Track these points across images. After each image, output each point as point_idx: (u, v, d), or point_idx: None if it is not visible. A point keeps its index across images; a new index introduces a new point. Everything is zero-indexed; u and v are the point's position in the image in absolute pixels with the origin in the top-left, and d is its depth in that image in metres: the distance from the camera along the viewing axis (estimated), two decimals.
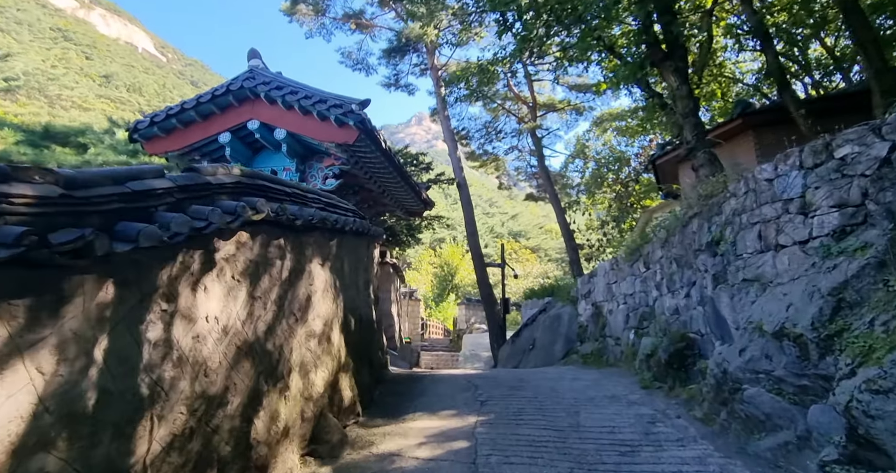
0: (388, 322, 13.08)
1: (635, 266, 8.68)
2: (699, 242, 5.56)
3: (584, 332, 10.65)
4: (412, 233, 19.16)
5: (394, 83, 21.01)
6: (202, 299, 2.76)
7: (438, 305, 41.69)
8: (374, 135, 9.66)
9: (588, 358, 9.86)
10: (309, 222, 4.00)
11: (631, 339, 8.17)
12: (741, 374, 3.68)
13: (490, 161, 23.43)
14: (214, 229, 2.78)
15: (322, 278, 4.30)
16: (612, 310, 9.62)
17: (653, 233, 7.89)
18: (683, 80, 7.96)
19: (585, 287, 11.20)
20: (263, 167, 10.49)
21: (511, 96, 21.52)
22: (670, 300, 6.64)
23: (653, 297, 7.72)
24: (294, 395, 3.55)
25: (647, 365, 6.33)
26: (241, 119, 9.73)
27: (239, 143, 10.14)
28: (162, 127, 9.47)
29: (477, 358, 18.37)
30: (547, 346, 11.37)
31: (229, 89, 9.39)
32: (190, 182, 2.81)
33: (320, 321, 4.13)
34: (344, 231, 4.98)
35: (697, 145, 7.91)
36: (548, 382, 6.50)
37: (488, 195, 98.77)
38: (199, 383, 2.64)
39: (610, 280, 9.90)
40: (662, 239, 7.17)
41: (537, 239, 61.48)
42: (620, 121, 23.22)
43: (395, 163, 11.00)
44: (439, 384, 6.47)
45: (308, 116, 9.61)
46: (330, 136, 9.56)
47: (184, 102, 9.40)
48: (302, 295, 3.91)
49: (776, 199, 4.04)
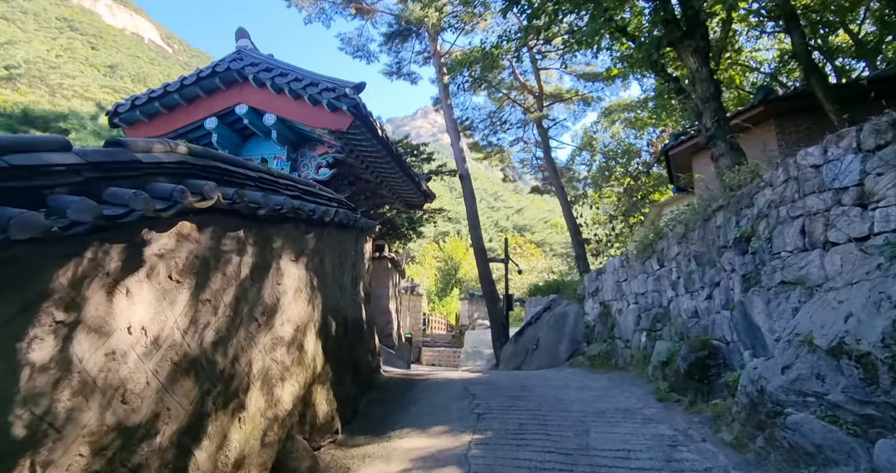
0: (386, 319, 12.55)
1: (648, 263, 8.08)
2: (724, 238, 4.96)
3: (592, 333, 10.07)
4: (413, 226, 18.60)
5: (395, 71, 20.35)
6: (122, 306, 2.20)
7: (442, 300, 41.22)
8: (369, 121, 9.07)
9: (595, 360, 9.28)
10: (277, 212, 3.43)
11: (642, 342, 7.58)
12: (784, 395, 3.09)
13: (494, 153, 22.74)
14: (137, 217, 2.21)
15: (294, 276, 3.73)
16: (621, 310, 9.03)
17: (668, 227, 7.28)
18: (703, 62, 7.30)
19: (593, 284, 10.61)
20: (253, 155, 9.94)
21: (517, 85, 20.80)
22: (688, 301, 6.04)
23: (667, 298, 7.12)
24: (252, 416, 3.00)
25: (662, 373, 5.75)
26: (229, 103, 9.17)
27: (227, 130, 9.57)
28: (144, 111, 8.91)
29: (479, 355, 17.85)
30: (551, 346, 10.81)
31: (215, 71, 8.81)
32: (107, 158, 2.24)
33: (290, 326, 3.57)
34: (325, 223, 4.41)
35: (718, 133, 7.27)
36: (552, 391, 5.94)
37: (493, 189, 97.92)
38: (113, 412, 2.09)
39: (620, 277, 9.31)
40: (680, 235, 6.56)
41: (542, 234, 60.78)
42: (629, 113, 22.49)
43: (393, 152, 10.42)
44: (433, 391, 5.93)
45: (299, 101, 9.03)
46: (322, 122, 8.98)
47: (167, 85, 8.84)
48: (268, 297, 3.35)
49: (825, 188, 3.43)
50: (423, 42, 18.84)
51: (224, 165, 3.12)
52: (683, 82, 9.05)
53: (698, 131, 11.10)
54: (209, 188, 2.71)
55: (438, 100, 18.63)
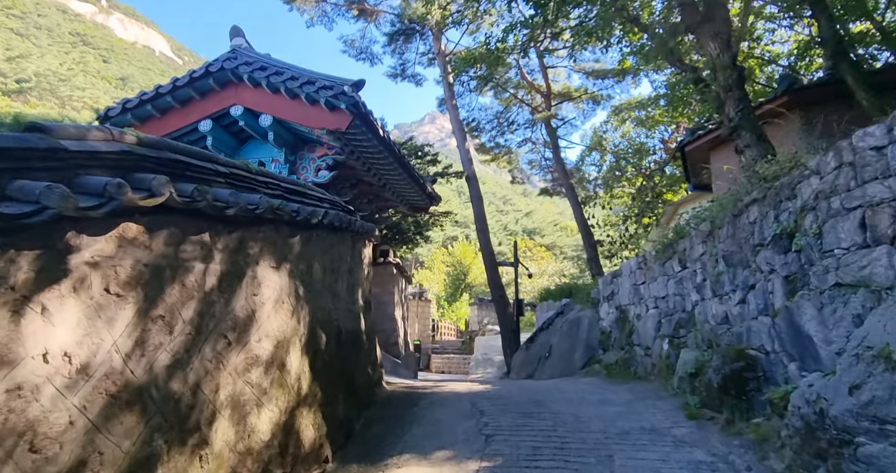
0: (391, 326, 12.09)
1: (668, 265, 7.54)
2: (760, 235, 4.43)
3: (608, 339, 9.52)
4: (420, 230, 18.16)
5: (400, 73, 19.99)
6: (35, 328, 1.76)
7: (452, 305, 40.74)
8: (369, 119, 8.66)
9: (613, 369, 8.73)
10: (251, 212, 2.99)
11: (664, 350, 7.04)
12: (853, 421, 2.57)
13: (502, 154, 22.26)
14: (52, 217, 1.77)
15: (274, 285, 3.29)
16: (639, 315, 8.48)
17: (690, 226, 6.74)
18: (725, 47, 6.78)
19: (608, 288, 10.06)
20: (250, 158, 9.56)
21: (524, 85, 20.35)
22: (717, 306, 5.50)
23: (692, 301, 6.58)
24: (219, 452, 2.55)
25: (690, 385, 5.21)
26: (224, 105, 8.82)
27: (223, 132, 9.22)
28: (136, 114, 8.58)
29: (489, 362, 17.31)
30: (565, 354, 10.27)
31: (208, 71, 8.46)
32: (15, 145, 1.81)
33: (269, 342, 3.12)
34: (312, 225, 3.96)
35: (743, 123, 6.75)
36: (569, 406, 5.42)
37: (502, 192, 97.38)
38: (16, 465, 1.64)
39: (637, 280, 8.76)
40: (704, 234, 6.03)
41: (552, 237, 60.06)
42: (640, 111, 21.91)
43: (396, 152, 9.99)
44: (438, 407, 5.44)
45: (296, 100, 8.65)
46: (320, 122, 8.59)
47: (158, 86, 8.51)
48: (240, 310, 2.90)
49: (890, 173, 2.91)
50: (426, 42, 18.49)
51: (184, 158, 2.68)
52: (701, 72, 8.52)
53: (718, 124, 10.52)
54: (159, 183, 2.27)
55: (444, 101, 18.23)
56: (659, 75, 20.93)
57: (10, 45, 76.61)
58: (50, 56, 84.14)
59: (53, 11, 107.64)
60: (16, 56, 60.30)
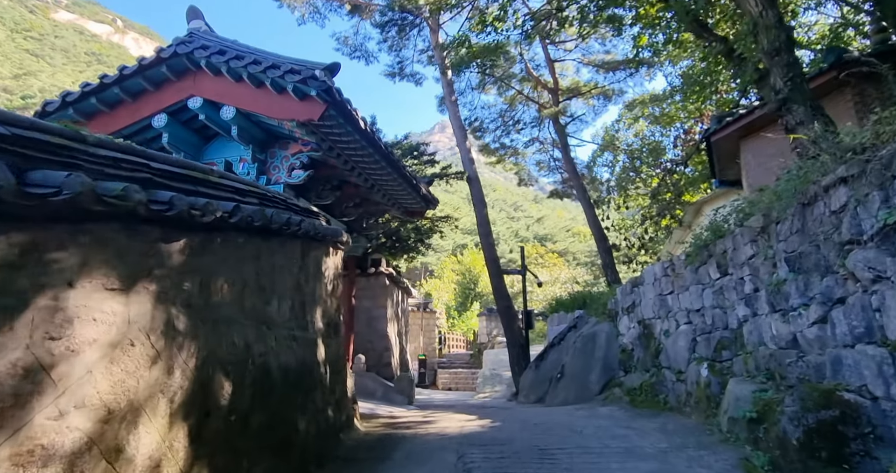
0: (383, 345, 10.84)
1: (703, 270, 6.22)
2: (854, 228, 3.13)
3: (629, 359, 8.16)
4: (421, 237, 16.93)
5: (398, 72, 18.89)
6: None
7: (462, 315, 39.45)
8: (346, 109, 7.49)
9: (637, 395, 7.38)
10: (44, 200, 1.79)
11: (703, 376, 5.70)
12: None
13: (508, 155, 21.00)
14: None
15: (111, 319, 2.07)
16: (668, 331, 7.15)
17: (733, 221, 5.44)
18: (770, 3, 5.51)
19: (628, 298, 8.73)
20: (215, 158, 8.46)
21: (529, 80, 19.14)
22: (779, 324, 4.18)
23: (737, 317, 5.26)
24: None
25: (750, 434, 3.88)
26: (181, 96, 7.72)
27: (181, 129, 8.12)
28: (80, 109, 7.51)
29: (498, 379, 15.93)
30: (579, 374, 8.92)
31: (160, 58, 7.38)
32: None
33: (87, 417, 1.89)
34: (211, 225, 2.75)
35: (793, 94, 5.44)
36: (585, 458, 4.12)
37: (513, 199, 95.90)
38: None
39: (663, 289, 7.43)
40: (755, 230, 4.72)
41: (565, 243, 58.49)
42: (655, 108, 20.56)
43: (381, 148, 8.81)
44: (415, 462, 4.17)
45: (262, 89, 7.53)
46: (290, 113, 7.44)
47: (104, 76, 7.43)
48: (11, 369, 1.69)
49: None
50: (423, 37, 17.40)
51: None
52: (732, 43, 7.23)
53: (750, 109, 9.21)
54: None
55: (443, 100, 17.07)
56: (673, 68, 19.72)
57: (21, 65, 77.55)
58: (63, 74, 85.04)
59: (70, 33, 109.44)
60: (23, 73, 60.64)
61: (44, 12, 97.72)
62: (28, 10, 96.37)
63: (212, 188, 3.01)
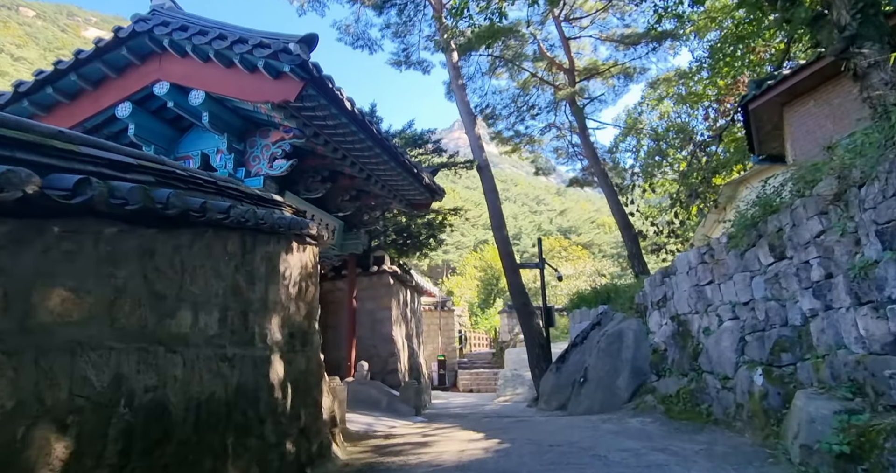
0: (388, 350, 9.94)
1: (751, 255, 5.13)
2: None
3: (662, 361, 7.08)
4: (433, 233, 15.99)
5: (404, 60, 17.98)
6: None
7: (485, 312, 38.49)
8: (326, 87, 6.61)
9: (673, 403, 6.31)
10: None
11: (757, 385, 4.62)
12: None
13: (523, 143, 19.83)
14: None
15: None
16: (707, 329, 6.05)
17: (791, 191, 4.35)
18: None
19: (658, 291, 7.62)
20: (191, 151, 7.72)
21: (541, 59, 17.93)
22: (870, 321, 3.10)
23: (802, 311, 4.17)
24: None
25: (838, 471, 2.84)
26: (146, 82, 6.96)
27: (150, 119, 7.38)
28: (36, 101, 6.83)
29: (519, 380, 14.91)
30: (605, 378, 7.86)
31: (118, 37, 6.63)
32: None
33: None
34: (41, 212, 1.88)
35: (863, 30, 4.30)
36: None
37: (535, 193, 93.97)
38: None
39: (700, 279, 6.33)
40: (826, 199, 3.63)
41: (589, 235, 56.67)
42: (680, 88, 19.11)
43: (375, 133, 7.90)
44: None
45: (232, 69, 6.70)
46: (263, 94, 6.59)
47: (58, 62, 6.72)
48: None
49: None
50: (429, 22, 16.44)
51: None
52: None
53: (797, 68, 7.95)
54: None
55: (450, 85, 16.07)
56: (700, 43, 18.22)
57: None
58: None
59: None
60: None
61: (75, 30, 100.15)
62: (60, 29, 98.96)
63: (57, 157, 2.13)
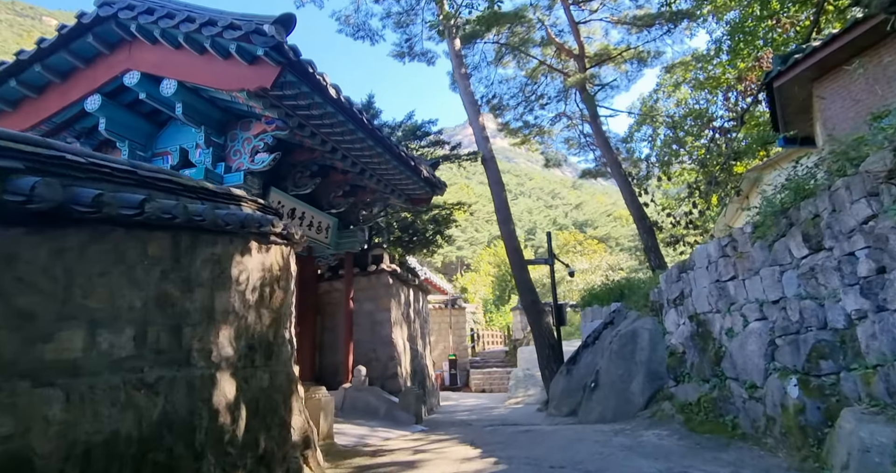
0: (388, 353, 9.41)
1: (780, 246, 4.45)
2: None
3: (681, 364, 6.40)
4: (440, 229, 15.39)
5: (407, 52, 17.37)
6: None
7: (499, 309, 37.89)
8: (306, 71, 6.06)
9: (694, 413, 5.65)
10: None
11: (792, 397, 3.96)
12: None
13: (532, 134, 19.07)
14: None
15: None
16: (731, 330, 5.37)
17: (829, 171, 3.67)
18: None
19: (674, 287, 6.94)
20: (169, 147, 7.26)
21: (549, 45, 17.16)
22: None
23: (845, 311, 3.51)
24: None
25: None
26: (116, 72, 6.51)
27: (123, 113, 6.93)
28: (1, 95, 6.44)
29: (531, 380, 14.29)
30: (617, 383, 7.21)
31: (81, 23, 6.19)
32: None
33: None
34: None
35: None
36: None
37: (550, 187, 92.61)
38: None
39: (721, 274, 5.65)
40: (878, 176, 2.97)
41: (606, 228, 55.51)
42: (697, 73, 18.17)
43: (365, 124, 7.35)
44: None
45: (205, 55, 6.20)
46: (237, 82, 6.07)
47: (20, 53, 6.30)
48: None
49: None
50: (431, 10, 15.81)
51: None
52: None
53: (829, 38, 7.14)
54: None
55: (453, 75, 15.44)
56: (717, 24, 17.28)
57: None
58: None
59: None
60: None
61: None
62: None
63: None
